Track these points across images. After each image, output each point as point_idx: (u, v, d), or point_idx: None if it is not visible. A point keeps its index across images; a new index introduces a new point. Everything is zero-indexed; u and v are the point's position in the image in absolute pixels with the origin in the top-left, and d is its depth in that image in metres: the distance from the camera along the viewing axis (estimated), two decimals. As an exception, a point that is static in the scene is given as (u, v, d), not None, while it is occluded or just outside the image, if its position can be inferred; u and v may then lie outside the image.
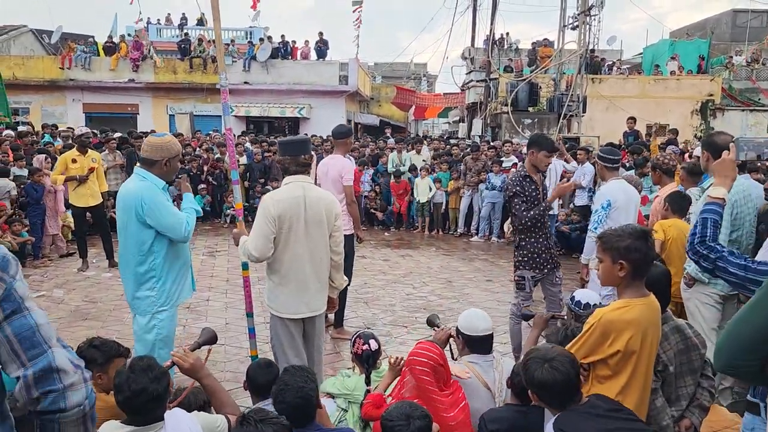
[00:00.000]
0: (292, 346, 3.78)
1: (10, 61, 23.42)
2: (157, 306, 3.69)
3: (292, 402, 2.53)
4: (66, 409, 1.49)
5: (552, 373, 2.31)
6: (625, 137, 13.87)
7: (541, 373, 2.33)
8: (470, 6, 22.81)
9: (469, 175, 11.61)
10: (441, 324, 3.61)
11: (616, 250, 2.46)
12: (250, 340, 4.45)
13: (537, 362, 2.37)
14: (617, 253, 2.45)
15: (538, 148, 4.83)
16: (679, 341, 2.77)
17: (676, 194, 4.95)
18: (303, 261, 3.70)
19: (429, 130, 38.76)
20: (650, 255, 2.48)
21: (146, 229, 3.63)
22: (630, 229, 2.50)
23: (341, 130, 6.12)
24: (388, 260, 9.65)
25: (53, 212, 9.42)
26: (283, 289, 3.75)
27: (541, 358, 2.38)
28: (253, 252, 3.62)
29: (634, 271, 2.45)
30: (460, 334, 3.30)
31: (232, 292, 7.56)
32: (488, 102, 21.06)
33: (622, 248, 2.44)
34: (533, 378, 2.37)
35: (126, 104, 23.68)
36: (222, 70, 4.14)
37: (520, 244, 4.93)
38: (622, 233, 2.48)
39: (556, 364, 2.33)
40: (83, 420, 1.53)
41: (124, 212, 3.66)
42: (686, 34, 28.40)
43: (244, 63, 23.54)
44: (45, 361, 1.47)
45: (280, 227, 3.62)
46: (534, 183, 4.87)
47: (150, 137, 3.91)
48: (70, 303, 7.04)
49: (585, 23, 17.47)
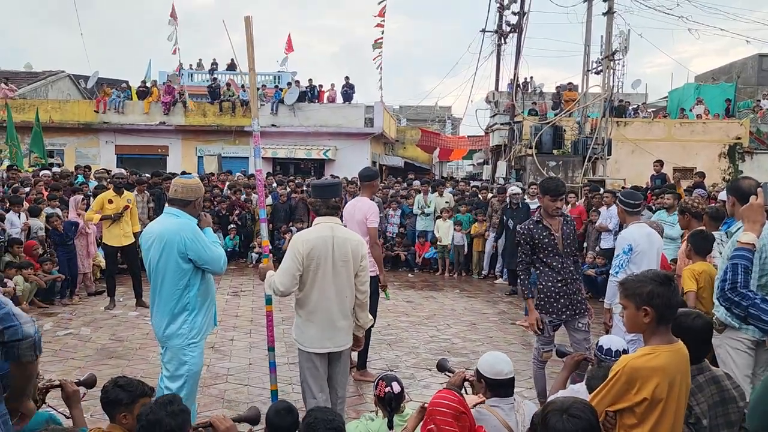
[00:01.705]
0: (317, 380, 3.90)
1: (48, 105, 24.25)
2: (188, 339, 3.76)
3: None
4: (22, 339, 2.21)
5: (573, 422, 2.28)
6: (652, 180, 13.78)
7: (562, 424, 2.29)
8: (494, 51, 23.15)
9: (495, 217, 11.58)
10: (453, 368, 3.59)
11: (638, 296, 2.43)
12: (270, 374, 4.52)
13: (555, 414, 2.33)
14: (640, 300, 2.42)
15: (543, 192, 4.93)
16: (715, 393, 2.68)
17: (699, 234, 4.88)
18: (330, 298, 3.86)
19: (453, 171, 38.91)
20: (674, 300, 2.44)
21: (185, 263, 3.77)
22: (652, 275, 2.47)
23: (368, 173, 6.22)
24: (411, 302, 9.61)
25: (85, 252, 9.61)
26: (310, 325, 3.90)
27: (558, 409, 2.34)
28: (279, 286, 3.82)
29: (659, 317, 2.41)
30: (482, 378, 3.25)
31: (256, 332, 7.57)
32: (512, 144, 21.14)
33: (645, 294, 2.41)
34: (554, 429, 2.33)
35: (156, 146, 24.27)
36: (255, 116, 4.39)
37: (538, 287, 4.92)
38: (644, 279, 2.46)
39: (575, 411, 2.29)
40: (34, 347, 2.27)
41: (163, 248, 3.76)
42: (712, 78, 28.33)
43: (271, 106, 24.06)
44: (5, 309, 2.22)
45: (308, 265, 3.80)
46: (547, 229, 4.87)
47: (180, 179, 4.03)
48: (96, 341, 7.11)
49: (609, 68, 17.58)
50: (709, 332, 2.83)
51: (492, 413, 3.15)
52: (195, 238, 3.75)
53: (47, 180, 11.77)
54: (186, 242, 3.72)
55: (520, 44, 20.58)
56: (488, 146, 26.15)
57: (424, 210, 12.66)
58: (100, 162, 22.32)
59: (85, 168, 14.63)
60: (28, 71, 29.46)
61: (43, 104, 23.63)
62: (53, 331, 7.48)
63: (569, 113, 19.74)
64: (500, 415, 3.13)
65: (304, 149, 23.94)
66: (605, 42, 17.83)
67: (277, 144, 24.00)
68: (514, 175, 20.54)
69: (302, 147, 23.93)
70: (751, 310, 2.50)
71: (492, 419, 3.11)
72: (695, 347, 2.63)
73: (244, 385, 5.71)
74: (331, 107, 24.94)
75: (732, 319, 3.99)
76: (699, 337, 2.65)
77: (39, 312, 8.34)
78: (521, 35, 20.67)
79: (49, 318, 8.10)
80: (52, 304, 8.74)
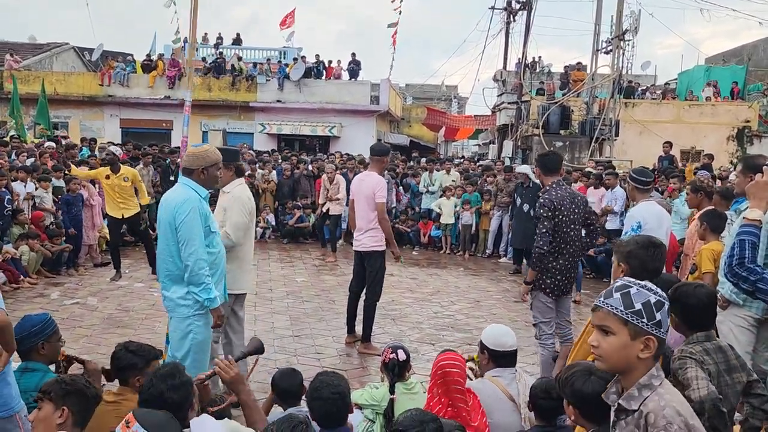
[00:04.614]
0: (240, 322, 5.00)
1: (52, 77, 24.14)
2: (194, 310, 3.74)
3: (329, 398, 2.58)
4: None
5: (602, 384, 2.21)
6: (660, 161, 13.72)
7: (590, 385, 2.25)
8: (503, 29, 22.94)
9: (500, 196, 11.56)
10: None
11: (621, 253, 2.78)
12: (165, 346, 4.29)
13: (582, 374, 2.30)
14: (620, 256, 2.77)
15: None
16: (722, 361, 2.69)
17: (713, 212, 4.87)
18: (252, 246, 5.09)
19: (458, 151, 38.79)
20: (650, 264, 2.71)
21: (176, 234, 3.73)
22: (638, 238, 2.78)
23: (380, 147, 6.24)
24: (415, 278, 9.64)
25: (90, 223, 9.65)
26: (248, 271, 5.00)
27: (586, 371, 2.31)
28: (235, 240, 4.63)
29: (632, 274, 2.63)
30: (485, 349, 3.29)
31: (260, 305, 7.63)
32: (519, 124, 21.04)
33: (625, 252, 2.73)
34: (579, 391, 2.28)
35: (161, 120, 24.19)
36: (188, 88, 4.51)
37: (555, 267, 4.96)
38: (630, 240, 2.79)
39: (603, 375, 2.23)
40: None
41: (161, 214, 3.76)
42: (722, 61, 28.04)
43: (278, 81, 23.93)
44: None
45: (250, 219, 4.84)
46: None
47: (190, 148, 4.02)
48: (103, 311, 7.16)
49: (618, 48, 17.42)
50: (713, 300, 2.84)
51: (494, 383, 3.21)
52: (186, 217, 3.62)
53: (52, 152, 11.76)
54: (176, 215, 3.64)
55: (529, 22, 20.39)
56: (495, 125, 26.05)
57: (429, 188, 12.65)
58: (105, 135, 22.27)
59: (91, 141, 14.63)
60: (32, 43, 29.28)
61: (47, 76, 23.52)
62: (60, 300, 7.55)
63: (577, 93, 19.61)
64: (502, 384, 3.19)
65: (309, 126, 23.84)
66: (615, 21, 17.66)
67: (282, 120, 23.91)
68: (520, 155, 20.48)
69: (307, 123, 23.84)
70: (760, 284, 2.52)
71: (493, 388, 3.17)
72: (699, 315, 2.66)
73: (249, 355, 5.76)
74: (336, 84, 24.80)
75: (737, 296, 4.00)
76: (702, 303, 2.67)
77: (46, 282, 8.40)
78: (531, 13, 20.47)
79: (56, 287, 8.16)
80: (59, 274, 8.79)
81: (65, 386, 2.48)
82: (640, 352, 1.86)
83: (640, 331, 1.85)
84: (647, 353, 1.86)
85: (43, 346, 3.21)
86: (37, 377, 3.09)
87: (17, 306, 7.01)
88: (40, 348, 3.19)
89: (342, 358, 5.94)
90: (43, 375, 3.16)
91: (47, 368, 3.25)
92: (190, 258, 3.62)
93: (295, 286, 8.85)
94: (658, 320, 1.85)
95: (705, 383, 2.39)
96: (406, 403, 3.19)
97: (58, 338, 3.36)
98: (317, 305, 7.80)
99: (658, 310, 1.86)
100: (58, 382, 2.53)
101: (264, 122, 23.94)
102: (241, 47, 27.45)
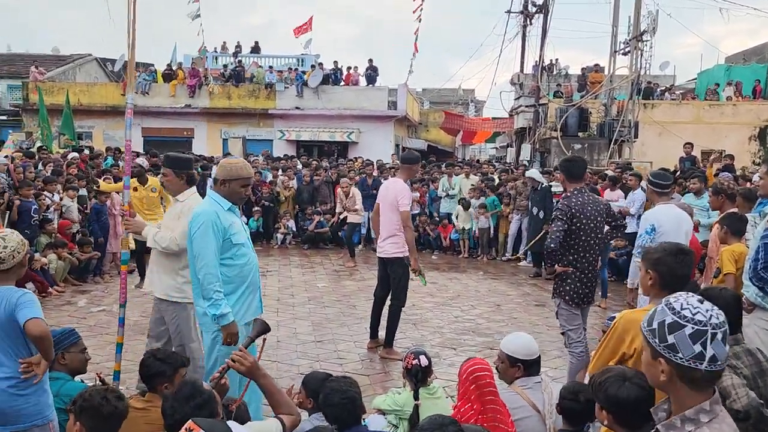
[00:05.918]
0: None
1: (76, 88, 24.61)
2: None
3: (339, 403, 2.70)
4: None
5: (636, 390, 2.20)
6: (681, 162, 13.57)
7: (625, 391, 2.21)
8: (519, 32, 22.89)
9: (519, 200, 11.55)
10: None
11: (649, 260, 2.67)
12: (119, 328, 4.70)
13: (616, 380, 2.26)
14: (649, 263, 2.66)
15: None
16: (752, 364, 2.69)
17: (733, 215, 4.84)
18: None
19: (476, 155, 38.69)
20: (679, 271, 2.61)
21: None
22: (666, 245, 2.69)
23: (409, 156, 6.31)
24: (435, 283, 9.66)
25: (114, 232, 9.82)
26: None
27: (620, 376, 2.27)
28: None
29: (662, 282, 2.60)
30: (508, 358, 3.26)
31: (283, 311, 7.71)
32: (537, 127, 20.97)
33: (653, 259, 2.64)
34: (614, 396, 2.23)
35: (182, 128, 24.53)
36: (130, 91, 4.73)
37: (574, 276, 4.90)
38: (658, 247, 2.70)
39: (638, 381, 2.20)
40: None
41: (187, 225, 3.84)
42: (743, 59, 27.68)
43: (297, 88, 24.15)
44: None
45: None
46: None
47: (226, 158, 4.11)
48: (129, 318, 7.20)
49: (637, 48, 17.30)
50: (739, 304, 2.86)
51: (519, 393, 3.18)
52: (198, 231, 3.63)
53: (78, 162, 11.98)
54: (190, 228, 3.70)
55: (546, 25, 20.34)
56: (512, 129, 25.97)
57: (449, 192, 12.68)
58: (128, 144, 22.57)
59: (116, 150, 14.87)
60: (56, 55, 29.89)
61: (71, 87, 23.97)
62: (87, 307, 7.71)
63: (595, 95, 19.49)
64: (527, 395, 3.16)
65: (328, 132, 24.02)
66: (633, 22, 17.54)
67: (301, 127, 24.12)
68: (538, 158, 20.40)
69: (326, 129, 24.01)
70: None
71: (518, 399, 3.15)
72: (728, 318, 2.66)
73: (273, 361, 5.83)
74: (354, 90, 24.93)
75: (762, 300, 3.99)
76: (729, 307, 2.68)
77: (73, 289, 8.57)
78: (547, 16, 20.41)
79: (83, 295, 8.33)
80: (85, 282, 8.97)
81: (82, 402, 2.54)
82: (661, 374, 1.74)
83: (655, 351, 1.75)
84: (663, 378, 1.74)
85: (63, 356, 3.35)
86: (57, 385, 3.22)
87: (46, 314, 7.02)
88: (60, 358, 3.32)
89: (364, 363, 5.99)
90: (63, 383, 3.29)
91: (68, 377, 3.39)
92: (200, 272, 3.61)
93: (317, 291, 8.93)
94: (671, 343, 1.69)
95: (744, 390, 2.40)
96: (430, 408, 3.23)
97: (81, 349, 3.48)
98: (339, 310, 7.86)
99: (672, 332, 1.70)
100: (80, 395, 2.59)
101: (283, 129, 24.17)
102: (259, 55, 27.71)
